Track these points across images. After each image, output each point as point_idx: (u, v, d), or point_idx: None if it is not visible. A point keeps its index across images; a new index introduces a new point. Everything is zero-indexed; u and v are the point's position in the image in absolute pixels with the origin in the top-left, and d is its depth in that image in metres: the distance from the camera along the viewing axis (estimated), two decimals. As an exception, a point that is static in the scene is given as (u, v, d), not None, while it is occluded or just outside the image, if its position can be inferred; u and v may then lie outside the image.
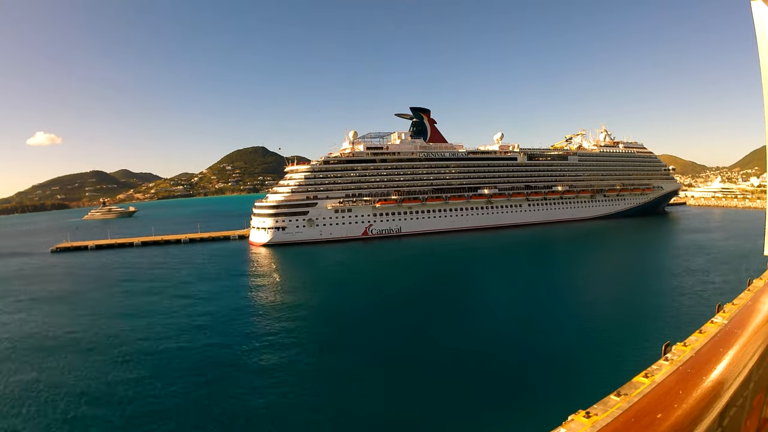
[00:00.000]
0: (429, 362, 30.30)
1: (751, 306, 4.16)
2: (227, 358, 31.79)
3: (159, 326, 39.53)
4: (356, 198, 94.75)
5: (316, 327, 38.92)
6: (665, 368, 19.55)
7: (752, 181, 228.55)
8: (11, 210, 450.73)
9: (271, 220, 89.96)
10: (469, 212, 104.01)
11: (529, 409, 23.34)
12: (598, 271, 61.12)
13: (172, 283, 57.62)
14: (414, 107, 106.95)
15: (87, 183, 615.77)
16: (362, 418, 23.64)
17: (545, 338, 33.69)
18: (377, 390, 26.70)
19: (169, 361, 31.53)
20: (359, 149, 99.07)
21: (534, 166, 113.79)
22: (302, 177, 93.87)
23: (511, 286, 53.16)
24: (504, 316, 40.02)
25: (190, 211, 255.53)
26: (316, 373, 29.31)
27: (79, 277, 66.11)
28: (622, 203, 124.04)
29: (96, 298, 51.91)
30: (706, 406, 2.45)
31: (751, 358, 3.01)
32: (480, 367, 29.10)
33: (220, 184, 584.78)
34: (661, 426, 2.25)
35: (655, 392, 2.65)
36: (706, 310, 33.48)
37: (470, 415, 23.02)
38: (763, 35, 4.29)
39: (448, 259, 73.08)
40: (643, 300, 42.88)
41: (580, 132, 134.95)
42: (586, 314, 39.19)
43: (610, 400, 17.22)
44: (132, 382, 28.12)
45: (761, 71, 4.35)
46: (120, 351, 33.77)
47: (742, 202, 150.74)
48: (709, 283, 47.35)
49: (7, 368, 31.47)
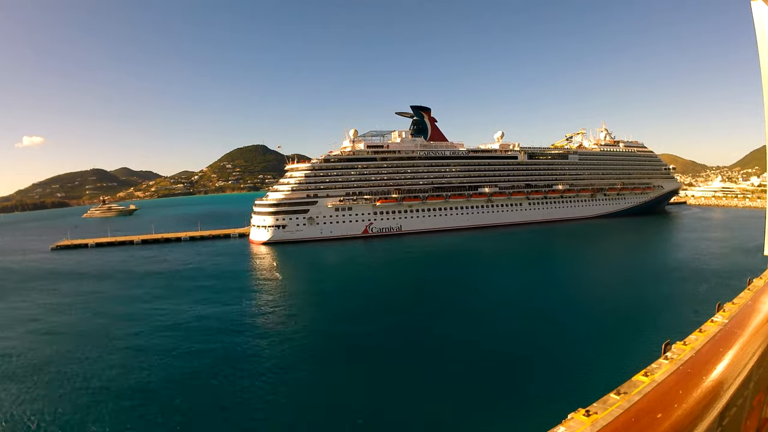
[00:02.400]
0: (428, 361, 30.31)
1: (751, 305, 4.17)
2: (227, 358, 31.81)
3: (159, 325, 39.60)
4: (357, 196, 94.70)
5: (316, 326, 38.91)
6: (665, 367, 19.56)
7: (752, 181, 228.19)
8: (11, 208, 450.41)
9: (272, 218, 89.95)
10: (470, 211, 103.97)
11: (529, 407, 23.37)
12: (598, 269, 61.08)
13: (172, 283, 57.66)
14: (415, 106, 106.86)
15: (87, 181, 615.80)
16: (361, 416, 23.67)
17: (545, 336, 33.71)
18: (377, 388, 26.71)
19: (167, 358, 31.57)
20: (360, 148, 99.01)
21: (534, 164, 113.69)
22: (303, 175, 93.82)
23: (510, 284, 53.14)
24: (504, 314, 40.02)
25: (191, 209, 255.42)
26: (316, 372, 29.33)
27: (80, 275, 66.14)
28: (623, 202, 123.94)
29: (96, 298, 51.95)
30: (706, 406, 2.46)
31: (751, 358, 3.02)
32: (479, 365, 29.12)
33: (220, 183, 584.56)
34: (661, 426, 2.26)
35: (655, 392, 2.66)
36: (706, 308, 33.45)
37: (470, 414, 23.05)
38: (763, 35, 4.29)
39: (448, 258, 73.07)
40: (642, 298, 42.88)
41: (580, 131, 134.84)
42: (585, 312, 39.21)
43: (610, 399, 17.22)
44: (131, 380, 28.19)
45: (761, 71, 4.35)
46: (120, 350, 33.84)
47: (743, 202, 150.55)
48: (709, 281, 47.34)
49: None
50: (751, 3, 4.29)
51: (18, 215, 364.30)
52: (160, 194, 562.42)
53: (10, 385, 28.42)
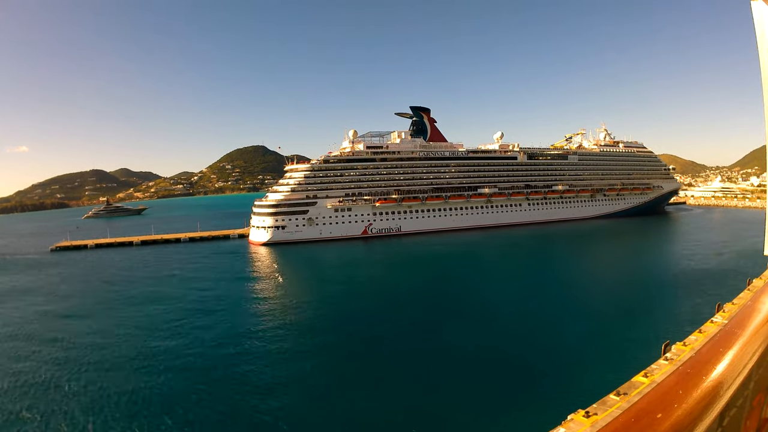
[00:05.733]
0: (428, 361, 30.28)
1: (751, 306, 4.17)
2: (226, 357, 31.78)
3: (159, 325, 39.55)
4: (356, 197, 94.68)
5: (316, 326, 38.85)
6: (665, 368, 19.55)
7: (752, 181, 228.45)
8: (11, 209, 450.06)
9: (271, 219, 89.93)
10: (469, 211, 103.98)
11: (529, 408, 23.35)
12: (598, 270, 61.09)
13: (172, 282, 57.61)
14: (414, 106, 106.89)
15: (87, 182, 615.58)
16: (361, 416, 23.64)
17: (544, 337, 33.71)
18: (376, 388, 26.69)
19: (165, 358, 31.53)
20: (359, 148, 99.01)
21: (534, 165, 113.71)
22: (302, 176, 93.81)
23: (510, 285, 53.14)
24: (503, 315, 40.01)
25: (193, 210, 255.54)
26: (316, 371, 29.29)
27: (79, 276, 66.09)
28: (622, 203, 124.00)
29: (97, 297, 51.90)
30: (706, 406, 2.45)
31: (751, 358, 3.01)
32: (479, 366, 29.11)
33: (219, 183, 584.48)
34: (661, 426, 2.25)
35: (655, 392, 2.65)
36: (705, 309, 33.46)
37: (470, 414, 23.03)
38: (763, 35, 4.29)
39: (448, 259, 73.07)
40: (642, 299, 42.88)
41: (580, 131, 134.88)
42: (585, 313, 39.21)
43: (610, 400, 17.21)
44: (131, 381, 28.14)
45: (761, 71, 4.34)
46: (115, 353, 33.80)
47: (742, 202, 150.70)
48: (708, 282, 47.30)
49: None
50: (751, 3, 4.29)
51: (18, 216, 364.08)
52: (160, 195, 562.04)
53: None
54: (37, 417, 24.30)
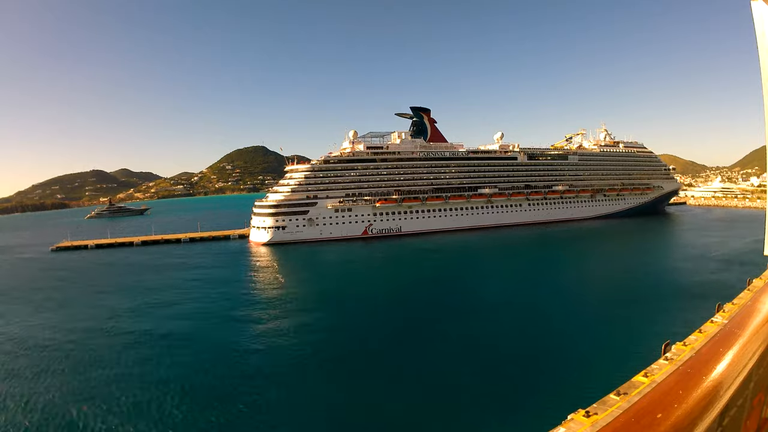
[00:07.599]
0: (428, 361, 30.27)
1: (751, 306, 4.17)
2: (226, 357, 31.78)
3: (158, 326, 39.54)
4: (356, 197, 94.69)
5: (316, 326, 38.85)
6: (665, 368, 19.55)
7: (752, 181, 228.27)
8: (11, 210, 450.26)
9: (272, 219, 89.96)
10: (470, 212, 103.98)
11: (529, 408, 23.33)
12: (598, 269, 61.05)
13: (172, 282, 57.62)
14: (414, 107, 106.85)
15: (87, 182, 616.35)
16: (360, 416, 23.65)
17: (545, 337, 33.68)
18: (376, 388, 26.69)
19: (166, 358, 31.54)
20: (359, 149, 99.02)
21: (534, 165, 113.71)
22: (302, 176, 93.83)
23: (510, 285, 53.12)
24: (503, 315, 40.00)
25: (195, 210, 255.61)
26: (316, 371, 29.29)
27: (81, 276, 66.12)
28: (622, 203, 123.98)
29: (96, 298, 51.90)
30: (706, 406, 2.45)
31: (751, 358, 3.01)
32: (479, 366, 29.08)
33: (220, 184, 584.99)
34: (661, 426, 2.25)
35: (655, 392, 2.66)
36: (705, 309, 33.39)
37: (469, 414, 23.02)
38: (763, 35, 4.29)
39: (448, 259, 73.07)
40: (642, 299, 42.82)
41: (580, 131, 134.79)
42: (585, 313, 39.19)
43: (610, 400, 17.20)
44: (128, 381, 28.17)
45: (761, 71, 4.34)
46: (116, 351, 33.82)
47: (742, 202, 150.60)
48: (708, 282, 47.29)
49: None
50: (751, 3, 4.29)
51: (18, 216, 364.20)
52: (160, 195, 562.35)
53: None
54: (37, 418, 24.33)
